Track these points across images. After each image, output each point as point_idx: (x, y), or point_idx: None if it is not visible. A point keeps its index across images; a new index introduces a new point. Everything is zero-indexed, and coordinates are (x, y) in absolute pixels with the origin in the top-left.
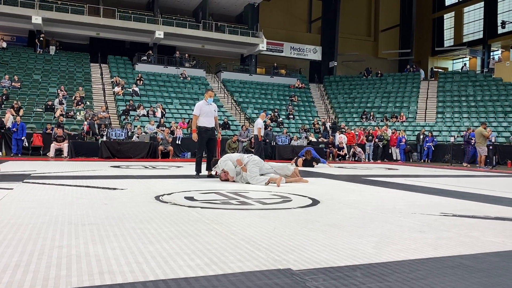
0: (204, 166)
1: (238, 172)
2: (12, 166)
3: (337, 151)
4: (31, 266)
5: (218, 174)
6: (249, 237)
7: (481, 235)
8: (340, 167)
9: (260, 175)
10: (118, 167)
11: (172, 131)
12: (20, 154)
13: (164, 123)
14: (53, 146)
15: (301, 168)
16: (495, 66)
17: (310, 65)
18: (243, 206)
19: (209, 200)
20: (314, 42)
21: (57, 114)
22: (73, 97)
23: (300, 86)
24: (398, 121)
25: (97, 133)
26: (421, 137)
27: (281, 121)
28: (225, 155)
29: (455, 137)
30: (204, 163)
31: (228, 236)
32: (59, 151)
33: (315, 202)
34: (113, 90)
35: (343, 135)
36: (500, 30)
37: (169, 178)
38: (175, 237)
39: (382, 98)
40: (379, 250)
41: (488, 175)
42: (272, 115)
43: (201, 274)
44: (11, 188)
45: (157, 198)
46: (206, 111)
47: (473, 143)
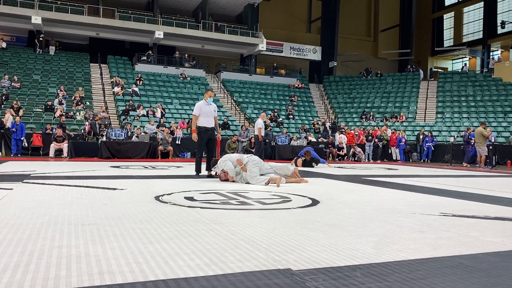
0: (204, 166)
1: (238, 172)
2: (11, 166)
3: (337, 151)
4: (31, 266)
5: (218, 174)
6: (249, 237)
7: (480, 235)
8: (339, 167)
9: (260, 175)
10: (118, 167)
11: (171, 131)
12: (19, 155)
13: (164, 123)
14: (53, 146)
15: (300, 168)
16: (494, 66)
17: (309, 65)
18: (243, 206)
19: (209, 200)
20: (313, 42)
21: (57, 114)
22: (73, 97)
23: (300, 86)
24: (398, 121)
25: (99, 133)
26: (421, 137)
27: (280, 121)
28: (225, 155)
29: (454, 137)
30: (204, 163)
31: (228, 236)
32: (58, 151)
33: (314, 202)
34: (112, 90)
35: (343, 135)
36: (499, 30)
37: (169, 178)
38: (174, 237)
39: (381, 98)
40: (378, 250)
41: (488, 175)
42: (272, 115)
43: (201, 274)
44: (11, 188)
45: (157, 198)
46: (206, 111)
47: (472, 143)
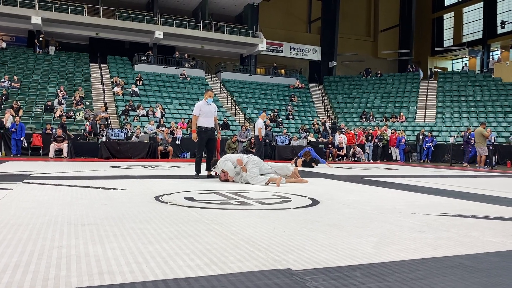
0: (203, 166)
1: (238, 172)
2: (11, 167)
3: (337, 151)
4: (31, 266)
5: (218, 175)
6: (248, 237)
7: (480, 235)
8: (339, 167)
9: (260, 175)
10: (118, 167)
11: (171, 131)
12: (19, 155)
13: (164, 123)
14: (53, 146)
15: (300, 168)
16: (494, 66)
17: (309, 65)
18: (243, 206)
19: (208, 200)
20: (313, 42)
21: (56, 114)
22: (73, 97)
23: (300, 86)
24: (398, 121)
25: (99, 133)
26: (421, 137)
27: (280, 121)
28: (225, 156)
29: (454, 137)
30: (203, 163)
31: (228, 236)
32: (58, 152)
33: (314, 202)
34: (112, 90)
35: (343, 135)
36: (499, 30)
37: (168, 178)
38: (174, 237)
39: (381, 98)
40: (378, 250)
41: (488, 175)
42: (272, 115)
43: (200, 274)
44: (11, 189)
45: (156, 198)
46: (205, 111)
47: (472, 143)
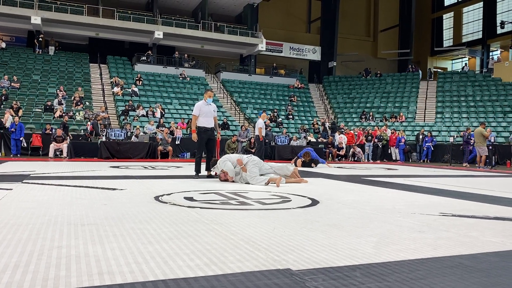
0: (203, 166)
1: (238, 172)
2: (11, 167)
3: (336, 151)
4: (31, 266)
5: (218, 175)
6: (248, 237)
7: (480, 235)
8: (339, 167)
9: (260, 175)
10: (118, 167)
11: (171, 131)
12: (19, 155)
13: (164, 124)
14: (52, 146)
15: (300, 168)
16: (494, 66)
17: (309, 65)
18: (243, 206)
19: (208, 200)
20: (313, 42)
21: (56, 114)
22: (72, 97)
23: (300, 86)
24: (398, 121)
25: (100, 133)
26: (421, 137)
27: (280, 121)
28: (224, 156)
29: (454, 137)
30: (203, 163)
31: (228, 236)
32: (58, 152)
33: (314, 202)
34: (112, 90)
35: (343, 135)
36: (499, 30)
37: (168, 178)
38: (174, 238)
39: (381, 98)
40: (378, 250)
41: (487, 175)
42: (272, 115)
43: (200, 274)
44: (11, 189)
45: (156, 198)
46: (205, 111)
47: (472, 143)
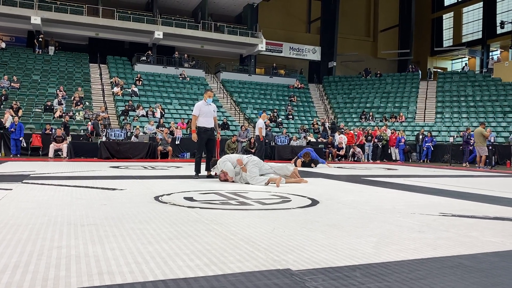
0: (203, 166)
1: (238, 172)
2: (11, 167)
3: (336, 151)
4: (30, 266)
5: (218, 175)
6: (248, 237)
7: (480, 235)
8: (339, 167)
9: (259, 175)
10: (117, 167)
11: (171, 131)
12: (19, 155)
13: (164, 124)
14: (52, 146)
15: (300, 168)
16: (494, 66)
17: (309, 66)
18: (243, 206)
19: (208, 200)
20: (313, 42)
21: (56, 114)
22: (72, 97)
23: (299, 86)
24: (397, 121)
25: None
26: (420, 137)
27: (280, 121)
28: (224, 156)
29: (454, 137)
30: (203, 164)
31: (228, 237)
32: (58, 152)
33: (314, 202)
34: (112, 90)
35: (343, 135)
36: (499, 30)
37: (168, 178)
38: (174, 238)
39: (381, 98)
40: (378, 250)
41: (487, 175)
42: (272, 115)
43: (200, 274)
44: (10, 189)
45: (156, 198)
46: (205, 112)
47: (472, 143)
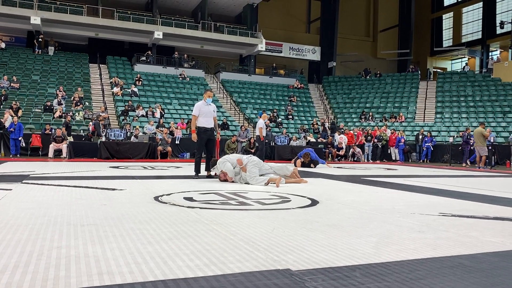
0: (203, 166)
1: (237, 172)
2: (11, 167)
3: (336, 152)
4: (30, 267)
5: (217, 175)
6: (248, 237)
7: (480, 235)
8: (339, 167)
9: (259, 175)
10: (117, 167)
11: (171, 131)
12: (18, 155)
13: (163, 124)
14: (52, 146)
15: (300, 169)
16: (493, 66)
17: (309, 66)
18: (242, 206)
19: (208, 200)
20: (313, 42)
21: (56, 114)
22: (72, 97)
23: (299, 86)
24: (397, 121)
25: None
26: (420, 137)
27: (280, 121)
28: (224, 156)
29: (454, 137)
30: (203, 164)
31: (227, 237)
32: (58, 152)
33: (314, 203)
34: (112, 90)
35: (343, 135)
36: (498, 30)
37: (168, 178)
38: (174, 238)
39: (381, 99)
40: (378, 250)
41: (487, 175)
42: (271, 115)
43: (200, 274)
44: (10, 189)
45: (156, 198)
46: (205, 112)
47: (471, 143)
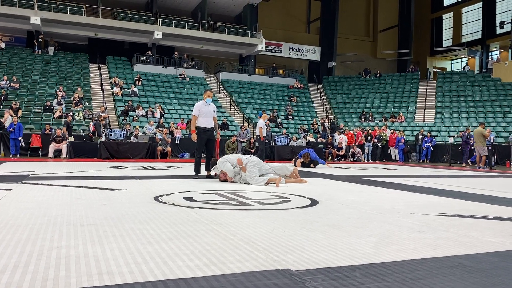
0: (203, 166)
1: (237, 172)
2: (10, 167)
3: (336, 152)
4: (30, 267)
5: (217, 175)
6: (248, 237)
7: (479, 235)
8: (339, 167)
9: (259, 175)
10: (117, 167)
11: (171, 131)
12: (18, 155)
13: (163, 124)
14: (52, 146)
15: (300, 169)
16: (493, 66)
17: (309, 66)
18: (242, 206)
19: (208, 200)
20: (313, 42)
21: (56, 115)
22: (72, 97)
23: (299, 86)
24: (397, 121)
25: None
26: (420, 137)
27: (280, 121)
28: (224, 156)
29: (453, 137)
30: (203, 164)
31: (227, 237)
32: (57, 152)
33: (314, 203)
34: (112, 90)
35: (343, 135)
36: (498, 30)
37: (168, 178)
38: (174, 238)
39: (381, 99)
40: (378, 250)
41: (487, 175)
42: (271, 115)
43: (200, 274)
44: (10, 189)
45: (156, 198)
46: (205, 112)
47: (471, 143)
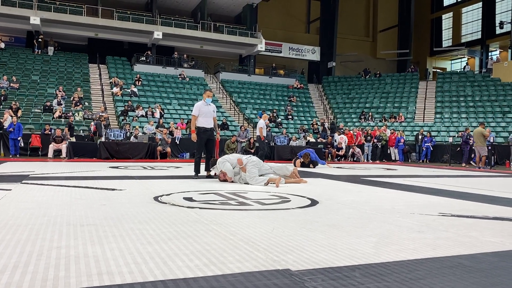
0: (203, 166)
1: (237, 172)
2: (10, 167)
3: (336, 152)
4: (30, 267)
5: (217, 175)
6: (248, 237)
7: (479, 235)
8: (338, 167)
9: (259, 175)
10: (117, 167)
11: (170, 131)
12: (18, 155)
13: (163, 124)
14: (52, 146)
15: (300, 169)
16: (493, 66)
17: (308, 66)
18: (242, 206)
19: (208, 200)
20: (312, 42)
21: (56, 115)
22: (72, 97)
23: (299, 86)
24: (397, 121)
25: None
26: (420, 137)
27: (280, 121)
28: (224, 156)
29: (453, 137)
30: (202, 164)
31: (227, 237)
32: (57, 152)
33: (314, 203)
34: (111, 90)
35: (343, 135)
36: (498, 31)
37: (168, 178)
38: (173, 238)
39: (380, 99)
40: (377, 250)
41: (487, 175)
42: (271, 115)
43: (200, 274)
44: (10, 189)
45: (155, 198)
46: (205, 112)
47: (471, 143)
